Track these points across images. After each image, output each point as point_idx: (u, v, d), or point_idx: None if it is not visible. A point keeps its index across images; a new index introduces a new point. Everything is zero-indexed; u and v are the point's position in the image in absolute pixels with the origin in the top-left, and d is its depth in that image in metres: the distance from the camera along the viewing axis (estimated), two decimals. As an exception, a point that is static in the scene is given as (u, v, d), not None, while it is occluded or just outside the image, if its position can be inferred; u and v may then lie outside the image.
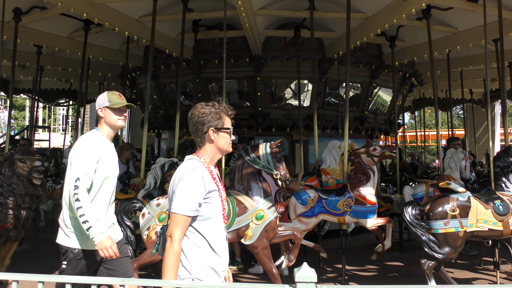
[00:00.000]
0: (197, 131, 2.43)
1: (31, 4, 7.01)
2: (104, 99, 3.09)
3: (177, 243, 2.26)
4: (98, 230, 2.87)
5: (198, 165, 2.38)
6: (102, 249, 2.88)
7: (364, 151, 5.43)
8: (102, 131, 3.12)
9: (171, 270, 2.24)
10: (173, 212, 2.28)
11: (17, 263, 5.79)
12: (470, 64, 9.87)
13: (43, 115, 30.40)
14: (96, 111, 3.15)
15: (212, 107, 2.44)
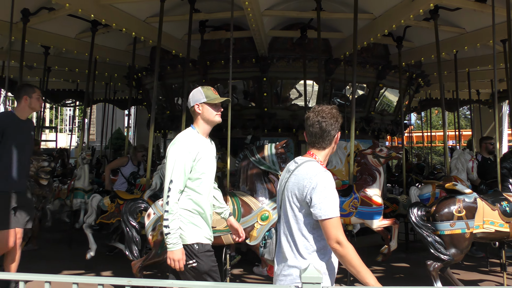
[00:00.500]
0: (324, 133, 2.49)
1: (39, 5, 7.05)
2: (200, 94, 3.07)
3: (347, 243, 2.33)
4: (175, 240, 2.88)
5: (322, 167, 2.45)
6: (171, 259, 2.90)
7: (370, 152, 5.42)
8: (198, 128, 3.10)
9: (361, 265, 2.33)
10: (327, 218, 2.29)
11: (24, 263, 5.82)
12: (477, 64, 9.81)
13: (50, 116, 30.60)
14: (192, 107, 3.10)
15: (333, 109, 2.55)
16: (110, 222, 5.85)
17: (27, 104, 4.30)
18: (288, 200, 2.44)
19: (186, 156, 2.92)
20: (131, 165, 7.55)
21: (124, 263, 5.88)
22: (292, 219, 2.43)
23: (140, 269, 4.40)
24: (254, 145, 4.62)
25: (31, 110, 4.40)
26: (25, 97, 4.27)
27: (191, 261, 2.95)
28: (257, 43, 7.76)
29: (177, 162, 2.90)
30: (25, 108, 4.32)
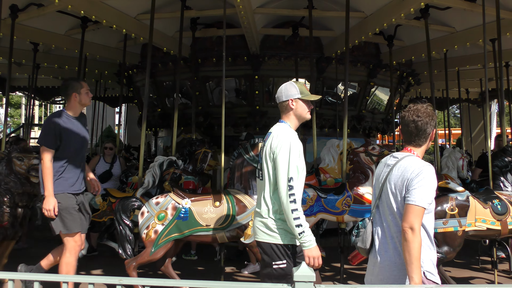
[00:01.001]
0: (420, 132, 2.59)
1: (27, 1, 6.93)
2: (295, 89, 3.01)
3: (419, 234, 2.40)
4: (310, 237, 2.79)
5: (424, 162, 2.57)
6: (310, 257, 2.78)
7: (363, 150, 5.44)
8: (290, 123, 3.04)
9: (417, 260, 2.36)
10: (413, 204, 2.41)
11: (13, 262, 5.75)
12: (467, 64, 9.91)
13: (39, 113, 30.25)
14: (285, 102, 3.03)
15: (428, 107, 2.61)
16: (102, 220, 5.80)
17: (77, 101, 4.15)
18: (391, 193, 2.56)
19: (296, 153, 2.88)
20: (103, 163, 7.37)
21: (115, 261, 5.85)
22: (396, 210, 2.54)
23: (134, 268, 4.37)
24: (249, 142, 4.60)
25: (82, 106, 4.26)
26: (74, 94, 4.12)
27: (281, 261, 2.86)
28: (248, 41, 7.75)
29: (291, 158, 2.82)
30: (75, 105, 4.18)
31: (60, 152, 4.03)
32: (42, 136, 4.07)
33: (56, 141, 4.00)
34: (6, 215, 4.80)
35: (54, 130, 4.02)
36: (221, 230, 4.36)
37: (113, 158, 7.38)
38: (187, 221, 4.34)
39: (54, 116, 4.18)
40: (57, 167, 4.02)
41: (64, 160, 4.05)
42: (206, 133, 8.75)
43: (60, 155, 4.03)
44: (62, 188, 4.03)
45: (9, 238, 4.97)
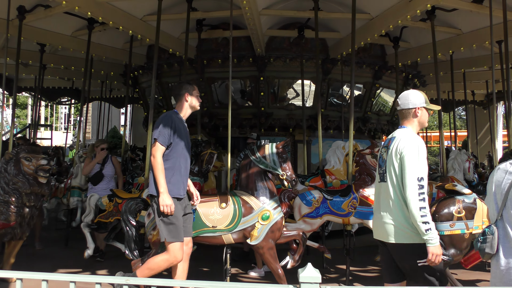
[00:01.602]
0: None
1: (35, 2, 7.01)
2: (421, 98, 3.13)
3: None
4: (435, 235, 2.89)
5: None
6: (433, 254, 2.86)
7: (369, 152, 5.43)
8: (413, 129, 3.15)
9: None
10: None
11: (21, 262, 5.78)
12: (473, 65, 9.88)
13: (45, 114, 30.43)
14: (411, 109, 3.13)
15: None
16: (108, 221, 5.82)
17: (188, 103, 4.07)
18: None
19: (424, 154, 3.00)
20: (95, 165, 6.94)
21: (121, 262, 5.86)
22: None
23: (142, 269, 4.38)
24: (255, 144, 4.61)
25: (191, 109, 4.12)
26: (186, 94, 4.05)
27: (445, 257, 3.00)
28: (254, 42, 7.76)
29: (420, 159, 2.94)
30: (186, 106, 4.08)
31: (170, 152, 3.91)
32: (158, 131, 3.87)
33: (170, 139, 3.88)
34: (14, 215, 4.84)
35: (170, 127, 3.89)
36: (227, 231, 4.37)
37: (105, 158, 6.93)
38: (194, 222, 4.34)
39: (170, 113, 4.02)
40: (166, 170, 3.86)
41: (173, 162, 3.92)
42: (212, 134, 8.77)
43: (170, 156, 3.91)
44: (178, 191, 3.92)
45: (16, 238, 5.01)
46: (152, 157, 3.84)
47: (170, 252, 3.84)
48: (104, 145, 6.97)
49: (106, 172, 6.81)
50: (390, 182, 3.03)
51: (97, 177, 6.70)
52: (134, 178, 7.23)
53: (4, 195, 4.82)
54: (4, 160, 4.97)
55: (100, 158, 6.77)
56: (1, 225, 4.83)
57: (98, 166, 6.82)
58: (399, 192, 2.99)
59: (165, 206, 3.74)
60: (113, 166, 6.92)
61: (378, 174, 3.26)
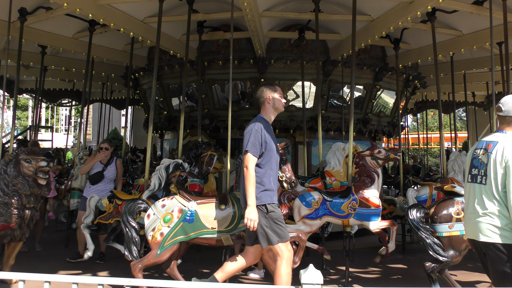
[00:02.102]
0: None
1: (36, 4, 7.02)
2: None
3: None
4: None
5: None
6: None
7: (369, 154, 5.43)
8: None
9: None
10: None
11: (21, 263, 5.80)
12: (473, 67, 9.88)
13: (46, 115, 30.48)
14: (507, 117, 3.21)
15: None
16: (108, 222, 5.83)
17: (271, 105, 4.06)
18: None
19: None
20: (97, 163, 6.76)
21: (121, 263, 5.87)
22: None
23: (140, 270, 4.39)
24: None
25: (275, 111, 4.11)
26: (268, 97, 4.05)
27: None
28: (255, 44, 7.77)
29: None
30: (270, 109, 4.08)
31: (262, 160, 3.91)
32: (250, 142, 3.85)
33: (261, 148, 3.89)
34: (14, 217, 4.85)
35: (260, 136, 3.89)
36: (226, 232, 4.37)
37: (109, 160, 6.78)
38: (193, 223, 4.35)
39: (258, 121, 3.99)
40: (261, 177, 3.88)
41: (266, 169, 3.92)
42: (212, 135, 8.78)
43: (262, 164, 3.90)
44: (270, 199, 3.90)
45: (16, 240, 5.02)
46: (245, 168, 3.82)
47: (284, 253, 3.85)
48: (104, 144, 6.82)
49: (108, 173, 6.70)
50: (494, 185, 3.10)
51: (97, 176, 6.60)
52: (134, 179, 7.24)
53: (4, 197, 4.83)
54: (4, 162, 4.98)
55: (99, 158, 6.70)
56: (1, 226, 4.84)
57: (101, 166, 6.70)
58: (501, 196, 3.07)
59: (250, 220, 3.75)
60: (116, 169, 6.80)
61: (469, 175, 3.32)
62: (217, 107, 8.89)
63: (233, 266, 4.05)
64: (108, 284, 2.72)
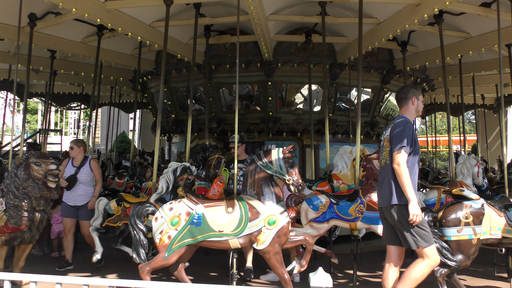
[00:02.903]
0: None
1: (46, 10, 7.11)
2: None
3: None
4: None
5: None
6: None
7: (376, 157, 5.41)
8: None
9: None
10: None
11: (30, 265, 5.85)
12: (482, 69, 9.82)
13: (55, 119, 30.73)
14: None
15: None
16: (116, 225, 5.86)
17: (414, 107, 4.02)
18: None
19: None
20: (70, 166, 6.30)
21: (129, 266, 5.90)
22: None
23: (147, 272, 4.41)
24: (261, 149, 4.62)
25: (416, 113, 4.08)
26: (413, 98, 4.00)
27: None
28: (262, 47, 7.79)
29: None
30: (412, 110, 4.04)
31: (408, 160, 3.84)
32: (404, 138, 3.78)
33: (412, 146, 3.85)
34: (24, 219, 4.91)
35: (412, 134, 3.85)
36: (234, 236, 4.38)
37: (82, 161, 6.26)
38: (200, 226, 4.36)
39: (406, 119, 3.94)
40: None
41: (411, 169, 3.85)
42: (220, 139, 8.81)
43: (408, 163, 3.83)
44: None
45: (26, 242, 5.08)
46: (397, 165, 3.77)
47: (430, 257, 3.85)
48: (71, 143, 6.38)
49: (82, 176, 6.19)
50: None
51: (69, 180, 6.12)
52: (142, 182, 7.27)
53: (14, 199, 4.90)
54: (14, 165, 5.04)
55: (66, 160, 6.31)
56: (11, 228, 4.90)
57: (74, 169, 6.20)
58: None
59: (415, 216, 3.70)
60: (91, 170, 6.29)
61: None
62: (225, 111, 8.92)
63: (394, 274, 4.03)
64: (117, 286, 2.74)
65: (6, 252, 5.12)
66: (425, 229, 3.84)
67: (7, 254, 5.26)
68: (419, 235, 3.79)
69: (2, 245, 4.97)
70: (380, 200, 4.07)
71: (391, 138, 3.90)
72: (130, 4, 6.58)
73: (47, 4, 6.52)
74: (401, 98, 4.08)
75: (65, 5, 5.92)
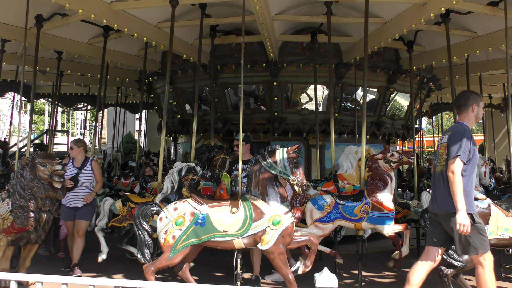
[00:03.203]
0: None
1: (52, 11, 7.16)
2: None
3: None
4: None
5: None
6: None
7: (381, 157, 5.38)
8: None
9: None
10: None
11: (36, 266, 5.88)
12: (489, 68, 9.74)
13: (62, 120, 30.93)
14: None
15: None
16: (121, 225, 5.89)
17: (474, 113, 3.99)
18: None
19: None
20: (71, 167, 6.08)
21: (134, 266, 5.93)
22: None
23: (152, 272, 4.42)
24: (266, 149, 4.61)
25: (476, 120, 4.05)
26: (474, 105, 3.97)
27: None
28: (267, 47, 7.79)
29: None
30: (472, 117, 4.00)
31: (467, 167, 3.83)
32: (461, 148, 3.76)
33: (469, 155, 3.82)
34: (30, 219, 4.93)
35: (470, 142, 3.82)
36: (238, 236, 4.38)
37: (84, 162, 6.13)
38: (205, 226, 4.36)
39: (464, 126, 3.91)
40: (464, 186, 3.78)
41: (469, 177, 3.86)
42: (225, 139, 8.82)
43: (466, 172, 3.83)
44: (474, 208, 3.88)
45: (32, 242, 5.11)
46: (451, 173, 3.76)
47: (487, 260, 3.84)
48: (71, 143, 6.25)
49: (83, 177, 6.03)
50: None
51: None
52: (148, 182, 7.29)
53: (21, 200, 4.93)
54: (20, 166, 5.08)
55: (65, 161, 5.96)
56: (17, 229, 4.93)
57: (75, 170, 6.04)
58: None
59: (463, 226, 3.68)
60: (92, 171, 6.15)
61: None
62: (230, 111, 8.92)
63: (423, 272, 4.03)
64: (122, 287, 2.74)
65: (12, 252, 5.15)
66: (484, 235, 3.84)
67: (13, 254, 5.29)
68: (479, 241, 3.79)
69: (8, 245, 5.00)
70: (435, 206, 4.02)
71: (448, 145, 3.87)
72: (136, 5, 6.61)
73: (54, 6, 6.57)
74: (461, 105, 4.03)
75: (71, 6, 5.96)
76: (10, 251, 5.08)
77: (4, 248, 4.99)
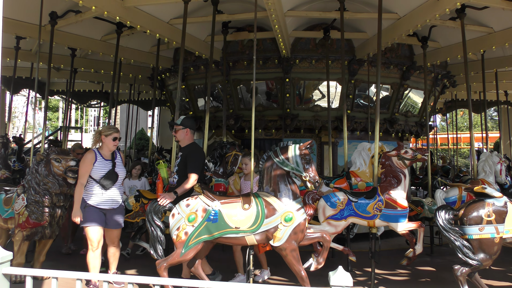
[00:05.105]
0: None
1: (66, 8, 7.22)
2: None
3: None
4: None
5: None
6: None
7: (395, 154, 5.32)
8: None
9: None
10: None
11: (52, 261, 5.94)
12: (505, 65, 9.58)
13: (76, 116, 31.26)
14: None
15: None
16: (134, 221, 5.93)
17: None
18: None
19: None
20: (103, 161, 5.05)
21: (146, 262, 5.96)
22: None
23: (165, 268, 4.44)
24: (278, 145, 4.59)
25: None
26: None
27: None
28: (279, 44, 7.75)
29: None
30: None
31: None
32: None
33: None
34: (45, 215, 5.00)
35: None
36: (250, 232, 4.37)
37: (112, 154, 5.16)
38: (217, 223, 4.37)
39: None
40: None
41: None
42: (237, 136, 8.81)
43: None
44: None
45: (47, 237, 5.17)
46: None
47: None
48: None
49: (119, 171, 5.14)
50: None
51: (111, 177, 5.02)
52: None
53: (35, 195, 4.99)
54: (35, 161, 5.14)
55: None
56: (32, 224, 5.00)
57: (108, 163, 5.07)
58: None
59: None
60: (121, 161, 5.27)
61: None
62: (242, 107, 8.91)
63: None
64: (136, 283, 2.76)
65: (27, 247, 5.22)
66: None
67: (29, 249, 5.36)
68: None
69: (23, 240, 5.07)
70: None
71: None
72: (148, 2, 6.63)
73: (68, 3, 6.62)
74: None
75: (85, 3, 6.00)
76: (25, 245, 5.15)
77: (20, 242, 5.07)
